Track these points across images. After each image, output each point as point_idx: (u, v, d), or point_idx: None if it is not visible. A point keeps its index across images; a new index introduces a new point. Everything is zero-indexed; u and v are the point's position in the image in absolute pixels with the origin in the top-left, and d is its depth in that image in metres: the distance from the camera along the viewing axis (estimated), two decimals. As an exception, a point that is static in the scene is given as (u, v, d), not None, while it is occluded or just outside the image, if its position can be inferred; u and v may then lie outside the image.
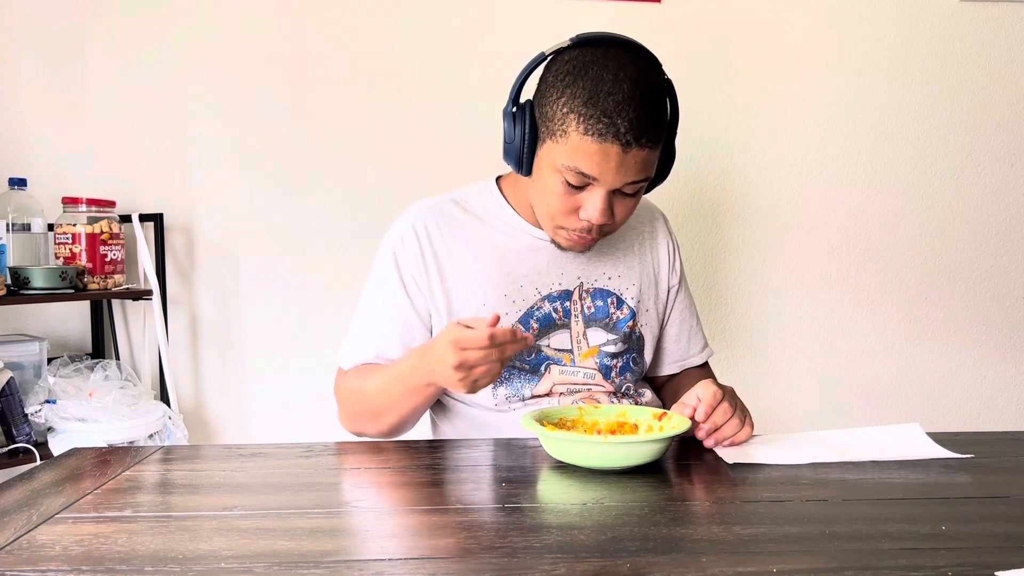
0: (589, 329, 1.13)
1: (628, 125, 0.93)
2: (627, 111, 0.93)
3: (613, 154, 0.94)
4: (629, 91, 0.94)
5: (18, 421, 1.62)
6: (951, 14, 1.99)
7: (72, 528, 0.70)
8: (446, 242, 1.11)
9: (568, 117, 0.95)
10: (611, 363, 1.14)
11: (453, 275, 1.11)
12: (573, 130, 0.95)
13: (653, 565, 0.61)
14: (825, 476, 0.85)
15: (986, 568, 0.60)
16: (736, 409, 0.96)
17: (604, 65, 0.95)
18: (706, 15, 1.95)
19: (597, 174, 0.96)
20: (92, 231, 1.71)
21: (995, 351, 2.07)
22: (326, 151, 1.91)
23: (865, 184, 2.01)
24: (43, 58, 1.86)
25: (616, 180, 0.97)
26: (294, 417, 1.92)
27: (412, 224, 1.12)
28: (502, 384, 1.10)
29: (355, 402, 1.10)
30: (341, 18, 1.90)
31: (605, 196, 0.99)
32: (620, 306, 1.15)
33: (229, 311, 1.94)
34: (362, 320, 1.14)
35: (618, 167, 0.96)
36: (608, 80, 0.94)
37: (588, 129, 0.94)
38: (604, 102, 0.93)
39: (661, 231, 1.23)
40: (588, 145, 0.94)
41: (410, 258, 1.11)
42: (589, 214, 1.00)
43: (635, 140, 0.94)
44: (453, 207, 1.14)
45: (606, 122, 0.93)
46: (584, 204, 1.00)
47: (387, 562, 0.62)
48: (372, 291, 1.14)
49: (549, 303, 1.12)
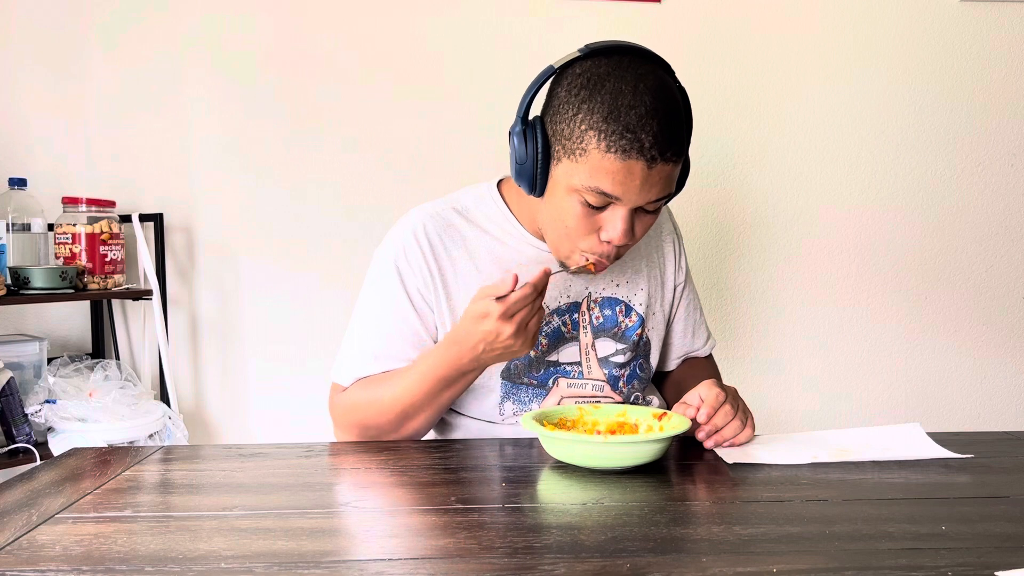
0: (598, 340, 1.10)
1: (653, 140, 0.88)
2: (651, 125, 0.88)
3: (638, 171, 0.89)
4: (651, 104, 0.88)
5: (18, 421, 1.62)
6: (951, 14, 1.99)
7: (72, 528, 0.70)
8: (449, 254, 1.06)
9: (587, 135, 0.89)
10: (619, 373, 1.12)
11: (457, 290, 1.05)
12: (594, 148, 0.89)
13: (653, 565, 0.61)
14: (825, 476, 0.85)
15: (986, 568, 0.60)
16: (738, 411, 0.96)
17: (621, 76, 0.90)
18: (706, 15, 1.95)
19: (620, 193, 0.91)
20: (92, 231, 1.71)
21: (995, 351, 2.07)
22: (326, 151, 1.91)
23: (865, 184, 2.01)
24: (43, 58, 1.86)
25: (640, 198, 0.92)
26: (294, 417, 1.92)
27: (414, 234, 1.06)
28: (508, 399, 1.07)
29: (368, 414, 1.03)
30: (341, 19, 1.90)
31: (627, 216, 0.93)
32: (629, 313, 1.12)
33: (229, 311, 1.94)
34: (363, 334, 1.07)
35: (642, 184, 0.90)
36: (628, 93, 0.88)
37: (611, 146, 0.88)
38: (626, 116, 0.88)
39: (666, 228, 1.20)
40: (611, 163, 0.89)
41: (414, 271, 1.05)
42: (611, 235, 0.94)
43: (660, 155, 0.89)
44: (455, 216, 1.08)
45: (629, 138, 0.87)
46: (605, 225, 0.95)
47: (387, 562, 0.62)
48: (372, 303, 1.08)
49: (558, 317, 1.08)
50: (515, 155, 0.97)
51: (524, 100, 0.97)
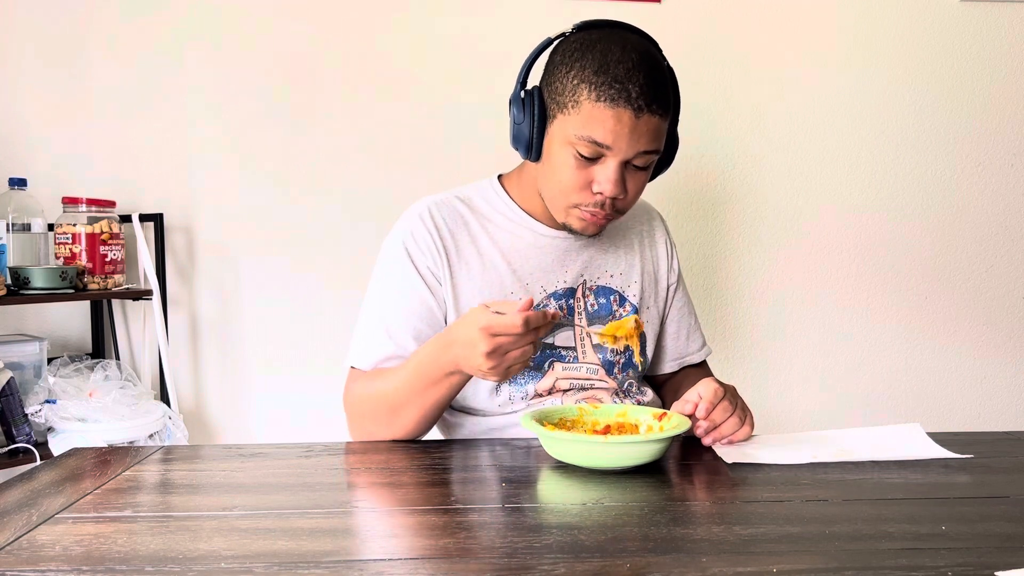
0: (592, 327, 1.13)
1: (640, 90, 0.95)
2: (637, 76, 0.95)
3: (626, 119, 0.95)
4: (638, 60, 0.96)
5: (18, 421, 1.62)
6: (951, 14, 1.99)
7: (72, 528, 0.70)
8: (454, 237, 1.10)
9: (579, 88, 0.97)
10: (614, 359, 1.14)
11: (461, 272, 1.09)
12: (585, 98, 0.96)
13: (653, 565, 0.61)
14: (825, 476, 0.85)
15: (986, 568, 0.60)
16: (736, 407, 0.96)
17: (610, 39, 0.99)
18: (706, 15, 1.95)
19: (611, 141, 0.97)
20: (92, 231, 1.71)
21: (995, 351, 2.06)
22: (326, 151, 1.91)
23: (865, 184, 2.01)
24: (43, 58, 1.85)
25: (629, 148, 0.97)
26: (294, 417, 1.92)
27: (420, 217, 1.10)
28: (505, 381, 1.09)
29: (370, 406, 1.04)
30: (341, 19, 1.90)
31: (618, 167, 0.99)
32: (623, 303, 1.16)
33: (229, 311, 1.94)
34: (375, 316, 1.09)
35: (631, 133, 0.96)
36: (616, 51, 0.97)
37: (600, 95, 0.95)
38: (615, 69, 0.95)
39: (659, 231, 1.24)
40: (601, 111, 0.95)
41: (423, 249, 1.08)
42: (603, 186, 1.00)
43: (646, 105, 0.95)
44: (458, 203, 1.13)
45: (618, 87, 0.95)
46: (597, 177, 1.00)
47: (387, 562, 0.62)
48: (383, 286, 1.11)
49: (555, 301, 1.12)
50: (513, 119, 1.05)
51: (523, 69, 1.06)
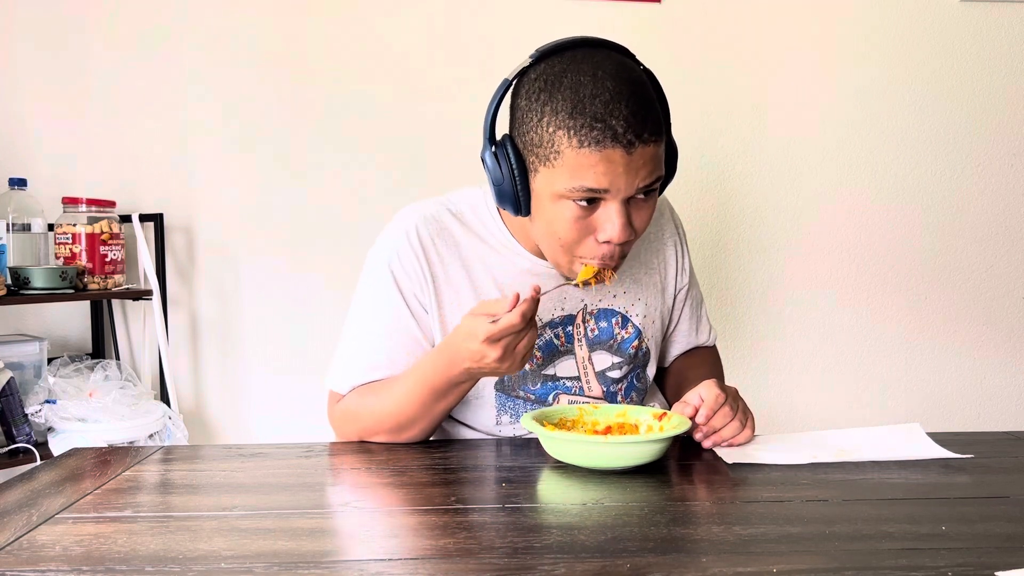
0: (594, 353, 1.08)
1: (625, 124, 0.84)
2: (619, 108, 0.84)
3: (618, 158, 0.85)
4: (614, 88, 0.85)
5: (18, 421, 1.62)
6: (951, 14, 1.99)
7: (72, 528, 0.70)
8: (442, 259, 1.02)
9: (557, 136, 0.86)
10: (616, 388, 1.09)
11: (448, 295, 1.03)
12: (566, 147, 0.85)
13: (653, 565, 0.61)
14: (825, 476, 0.85)
15: (986, 568, 0.60)
16: (737, 411, 0.95)
17: (578, 69, 0.87)
18: (706, 15, 1.95)
19: (607, 184, 0.86)
20: (92, 231, 1.71)
21: (995, 351, 2.07)
22: (326, 151, 1.91)
23: (865, 184, 2.01)
24: (43, 58, 1.86)
25: (628, 187, 0.87)
26: (294, 417, 1.92)
27: (407, 236, 1.02)
28: (505, 412, 1.05)
29: (366, 424, 1.00)
30: (341, 18, 1.90)
31: (621, 208, 0.88)
32: (625, 325, 1.09)
33: (229, 311, 1.94)
34: (358, 342, 1.04)
35: (627, 170, 0.86)
36: (587, 83, 0.85)
37: (583, 140, 0.84)
38: (591, 106, 0.84)
39: (668, 228, 1.15)
40: (587, 157, 0.85)
41: (409, 274, 1.02)
42: (609, 234, 0.89)
43: (637, 137, 0.85)
44: (449, 218, 1.05)
45: (600, 127, 0.84)
46: (600, 225, 0.90)
47: (387, 562, 0.62)
48: (368, 309, 1.05)
49: (551, 329, 1.05)
50: (491, 178, 0.93)
51: (487, 119, 0.93)
